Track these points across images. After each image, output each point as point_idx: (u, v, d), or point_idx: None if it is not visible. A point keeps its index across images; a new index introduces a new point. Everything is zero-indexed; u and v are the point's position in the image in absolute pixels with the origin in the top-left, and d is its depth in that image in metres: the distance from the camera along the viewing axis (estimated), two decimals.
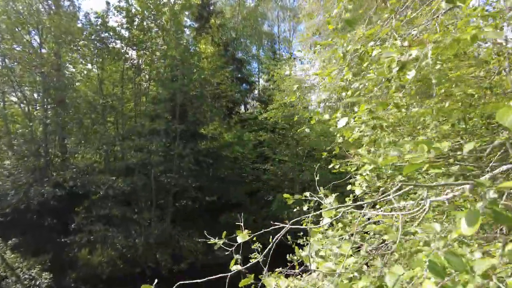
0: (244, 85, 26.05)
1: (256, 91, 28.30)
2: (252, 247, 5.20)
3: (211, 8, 24.41)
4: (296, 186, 19.49)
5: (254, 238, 5.11)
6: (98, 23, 16.18)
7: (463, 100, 3.66)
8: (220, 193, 17.86)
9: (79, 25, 16.19)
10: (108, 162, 15.81)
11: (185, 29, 21.30)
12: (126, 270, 14.20)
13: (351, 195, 3.74)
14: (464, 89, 3.62)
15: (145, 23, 17.31)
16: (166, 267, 14.80)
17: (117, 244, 14.61)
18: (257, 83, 28.62)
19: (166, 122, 15.93)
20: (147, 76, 18.34)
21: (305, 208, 4.92)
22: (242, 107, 27.32)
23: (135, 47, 16.98)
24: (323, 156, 5.30)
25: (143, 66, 17.87)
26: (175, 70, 16.24)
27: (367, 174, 2.76)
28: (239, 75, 25.49)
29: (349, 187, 5.28)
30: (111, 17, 16.62)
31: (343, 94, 2.94)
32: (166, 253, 15.05)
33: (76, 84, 16.55)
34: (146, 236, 15.02)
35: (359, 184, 2.92)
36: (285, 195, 2.95)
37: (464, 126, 3.63)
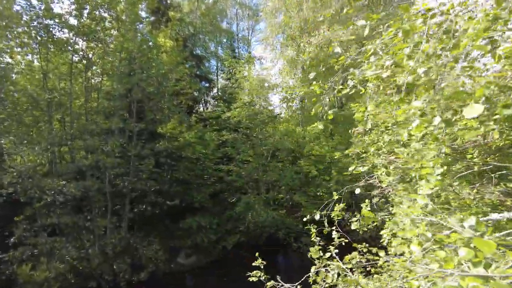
0: (203, 82, 25.16)
1: (215, 90, 27.54)
2: (255, 263, 4.61)
3: (168, 1, 23.20)
4: (261, 187, 19.17)
5: (257, 254, 4.51)
6: (42, 8, 14.34)
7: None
8: (181, 196, 16.88)
9: (18, 8, 14.20)
10: (55, 165, 14.06)
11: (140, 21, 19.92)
12: (79, 284, 12.71)
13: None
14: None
15: (97, 12, 15.75)
16: (124, 278, 13.54)
17: (67, 256, 13.03)
18: (216, 81, 27.84)
19: (123, 120, 14.61)
20: (99, 70, 16.72)
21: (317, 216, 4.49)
22: (201, 106, 26.40)
23: (85, 38, 15.34)
24: (335, 157, 4.88)
25: (95, 58, 16.25)
26: (133, 63, 14.96)
27: (438, 180, 2.25)
28: (198, 72, 24.55)
29: (357, 190, 4.95)
30: (57, 3, 14.84)
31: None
32: (124, 262, 13.77)
33: (15, 76, 14.49)
34: (101, 246, 13.61)
35: (425, 195, 2.34)
36: (366, 213, 2.44)
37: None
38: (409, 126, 2.65)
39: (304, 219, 4.35)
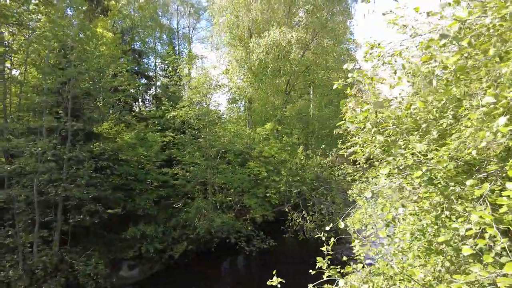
0: (142, 79, 23.41)
1: (153, 87, 25.86)
2: (270, 283, 4.02)
3: None
4: (209, 190, 18.43)
5: (274, 272, 4.00)
6: None
7: None
8: (123, 203, 15.35)
9: None
10: None
11: (70, 9, 17.67)
12: None
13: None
14: None
15: None
16: None
17: None
18: (155, 78, 26.15)
19: (55, 118, 12.67)
20: (22, 60, 14.33)
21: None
22: (138, 104, 24.55)
23: (3, 21, 13.00)
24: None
25: (16, 46, 13.89)
26: (68, 54, 13.09)
27: None
28: (136, 68, 22.79)
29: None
30: None
31: None
32: (57, 283, 11.91)
33: None
34: (27, 265, 11.57)
35: None
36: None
37: None
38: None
39: (327, 227, 4.01)
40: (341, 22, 22.40)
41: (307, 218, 16.97)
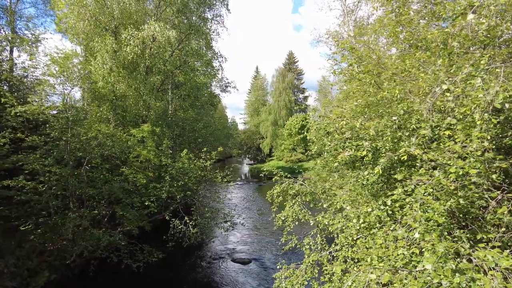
0: None
1: None
2: None
3: None
4: (71, 204, 15.05)
5: None
6: None
7: None
8: None
9: None
10: None
11: None
12: None
13: None
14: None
15: None
16: None
17: None
18: None
19: None
20: None
21: None
22: None
23: None
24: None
25: None
26: None
27: None
28: None
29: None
30: None
31: None
32: None
33: None
34: None
35: None
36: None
37: None
38: None
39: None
40: (210, 28, 22.95)
41: (190, 223, 16.54)
